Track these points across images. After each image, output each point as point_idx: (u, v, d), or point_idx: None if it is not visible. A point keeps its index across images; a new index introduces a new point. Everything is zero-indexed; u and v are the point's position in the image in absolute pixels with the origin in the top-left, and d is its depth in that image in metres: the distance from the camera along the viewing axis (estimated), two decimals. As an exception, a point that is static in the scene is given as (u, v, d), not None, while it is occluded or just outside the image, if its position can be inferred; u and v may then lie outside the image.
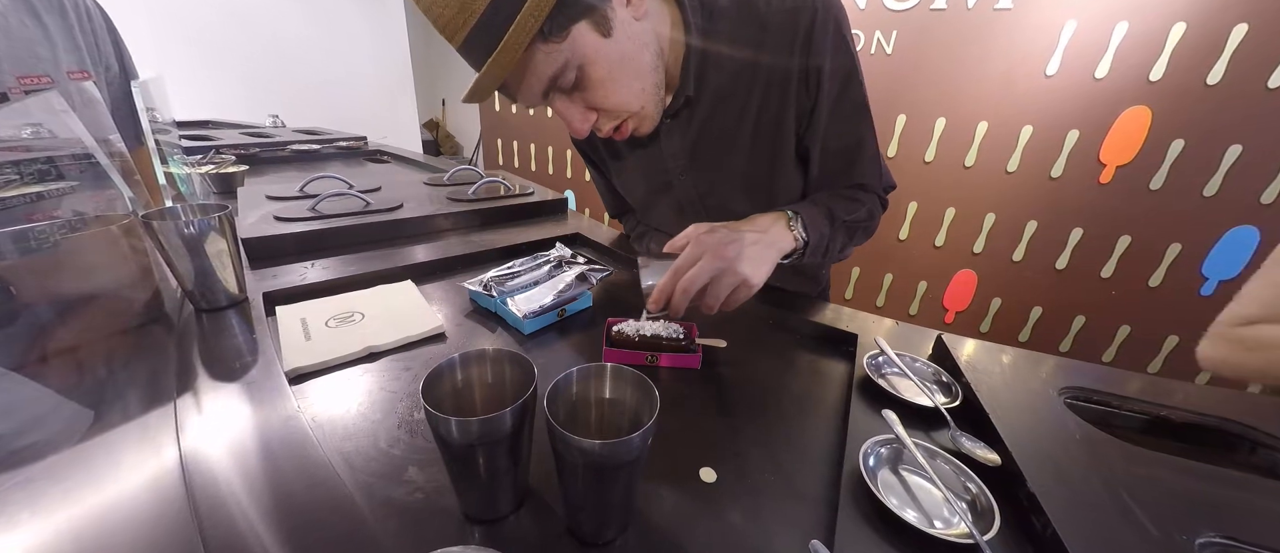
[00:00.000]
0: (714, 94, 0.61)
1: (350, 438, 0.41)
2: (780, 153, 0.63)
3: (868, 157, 0.64)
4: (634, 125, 0.58)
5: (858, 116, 0.62)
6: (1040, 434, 0.40)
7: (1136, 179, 1.42)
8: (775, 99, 0.60)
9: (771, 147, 0.63)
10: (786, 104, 0.60)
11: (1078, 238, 1.55)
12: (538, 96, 0.50)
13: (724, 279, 0.49)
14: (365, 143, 1.81)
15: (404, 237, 0.83)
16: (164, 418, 0.40)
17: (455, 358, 0.34)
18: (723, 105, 0.62)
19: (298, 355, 0.50)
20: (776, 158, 0.64)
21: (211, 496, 0.32)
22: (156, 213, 0.54)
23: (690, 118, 0.63)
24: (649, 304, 0.51)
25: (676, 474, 0.39)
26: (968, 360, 0.50)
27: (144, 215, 0.51)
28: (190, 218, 0.53)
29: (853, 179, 0.65)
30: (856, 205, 0.64)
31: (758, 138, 0.62)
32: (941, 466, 0.38)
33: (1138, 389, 0.48)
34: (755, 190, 0.67)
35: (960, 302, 1.83)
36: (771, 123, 0.61)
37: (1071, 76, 1.41)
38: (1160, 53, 1.31)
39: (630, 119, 0.57)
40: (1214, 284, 1.44)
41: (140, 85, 0.59)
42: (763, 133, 0.62)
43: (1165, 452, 0.39)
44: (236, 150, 1.41)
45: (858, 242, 0.67)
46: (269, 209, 0.82)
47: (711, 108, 0.62)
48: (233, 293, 0.57)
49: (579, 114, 0.53)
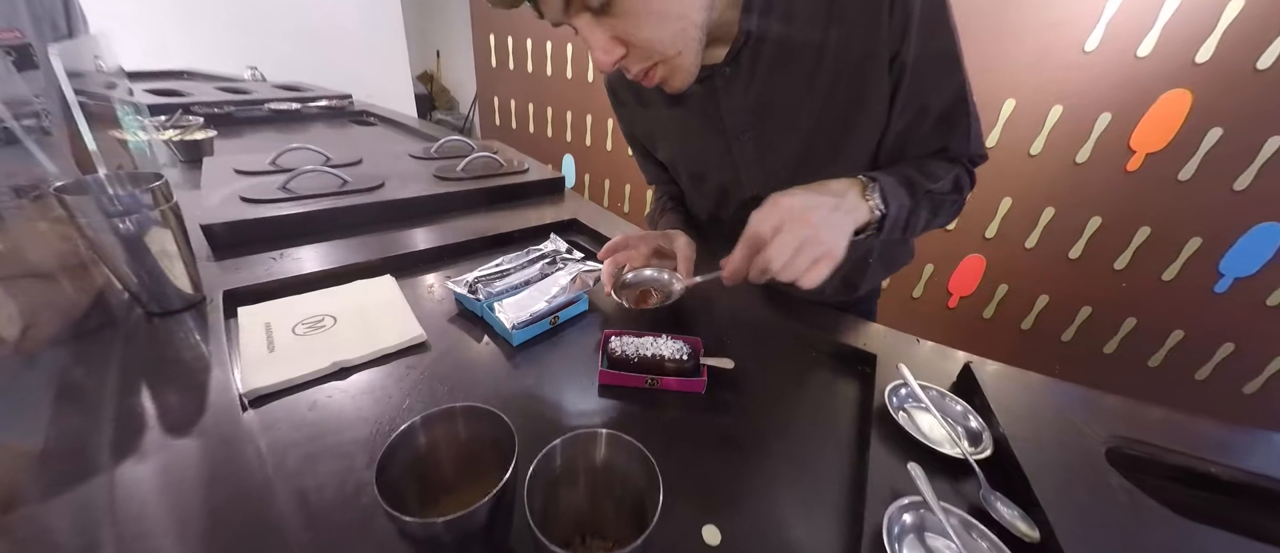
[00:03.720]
0: (782, 40, 0.52)
1: (311, 480, 0.37)
2: (858, 111, 0.54)
3: (959, 117, 0.54)
4: (663, 74, 0.50)
5: (949, 68, 0.52)
6: (1086, 503, 0.36)
7: (1166, 168, 1.35)
8: (857, 44, 0.51)
9: (848, 102, 0.53)
10: (872, 52, 0.50)
11: (1095, 227, 1.49)
12: (560, 9, 0.42)
13: (807, 250, 0.43)
14: (350, 101, 1.69)
15: (385, 221, 0.77)
16: (94, 455, 0.35)
17: (416, 423, 0.29)
18: (793, 53, 0.53)
19: (257, 372, 0.45)
20: (853, 117, 0.54)
21: None
22: (74, 185, 0.44)
23: (753, 68, 0.54)
24: (724, 277, 0.47)
25: (678, 533, 0.35)
26: (999, 399, 0.46)
27: (57, 188, 0.42)
28: (118, 191, 0.44)
29: (939, 143, 0.56)
30: (941, 175, 0.55)
31: (834, 92, 0.53)
32: (976, 543, 0.34)
33: (1193, 440, 0.43)
34: (822, 156, 0.58)
35: (965, 287, 1.78)
36: (851, 74, 0.52)
37: (1111, 54, 1.31)
38: (1211, 32, 1.21)
39: (660, 65, 0.49)
40: (1229, 281, 1.39)
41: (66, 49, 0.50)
42: (840, 86, 0.53)
43: (1226, 517, 0.35)
44: (210, 109, 1.31)
45: (943, 220, 0.58)
46: (236, 187, 0.75)
47: (779, 55, 0.53)
48: (186, 292, 0.51)
49: (603, 43, 0.44)
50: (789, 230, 0.43)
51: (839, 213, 0.46)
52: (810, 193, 0.47)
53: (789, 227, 0.43)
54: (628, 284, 0.61)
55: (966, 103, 0.54)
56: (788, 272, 0.43)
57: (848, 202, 0.48)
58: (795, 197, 0.45)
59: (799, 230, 0.42)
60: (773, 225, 0.43)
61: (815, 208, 0.44)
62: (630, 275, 0.61)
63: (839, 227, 0.45)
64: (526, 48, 2.28)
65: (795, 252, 0.42)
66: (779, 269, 0.43)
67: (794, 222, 0.43)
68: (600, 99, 2.18)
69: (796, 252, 0.42)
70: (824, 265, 0.43)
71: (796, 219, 0.43)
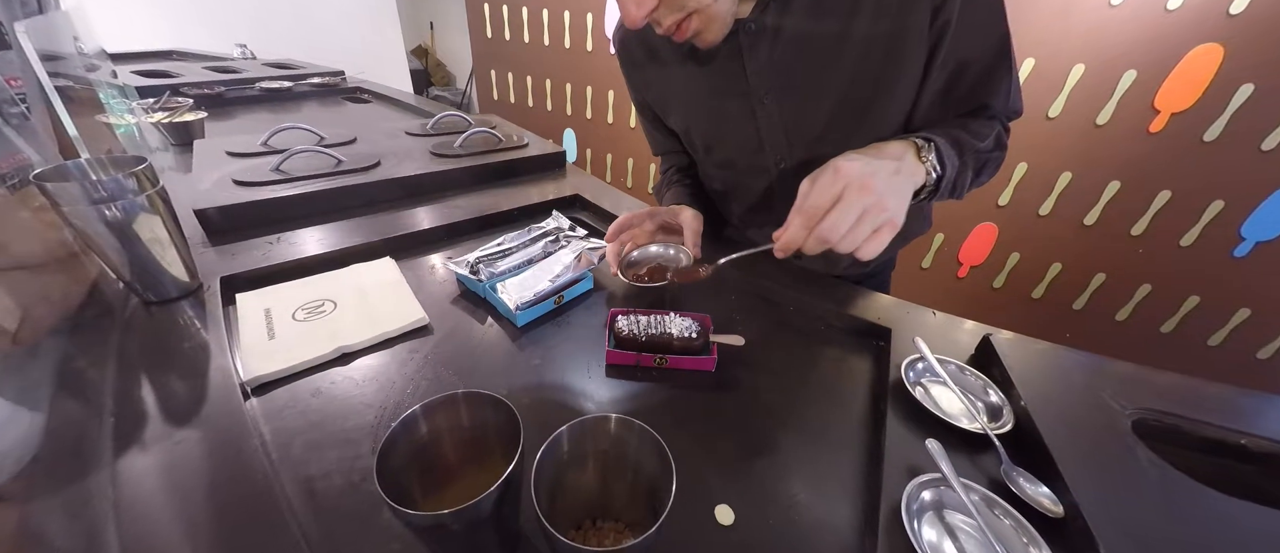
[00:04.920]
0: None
1: (316, 468, 0.36)
2: (895, 71, 0.50)
3: (1001, 72, 0.51)
4: (698, 25, 0.47)
5: (995, 19, 0.49)
6: (1112, 477, 0.35)
7: (1191, 129, 1.29)
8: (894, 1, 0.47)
9: (883, 62, 0.50)
10: (912, 5, 0.47)
11: (1113, 192, 1.44)
12: None
13: (870, 217, 0.40)
14: (344, 78, 1.65)
15: (382, 201, 0.75)
16: (96, 448, 0.35)
17: (417, 411, 0.28)
18: (826, 7, 0.49)
19: (259, 360, 0.44)
20: (887, 79, 0.51)
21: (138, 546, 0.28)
22: (54, 171, 0.43)
23: (781, 22, 0.51)
24: (777, 250, 0.43)
25: (691, 514, 0.35)
26: (1020, 371, 0.44)
27: (36, 175, 0.40)
28: (100, 176, 0.42)
29: (978, 100, 0.53)
30: (984, 132, 0.52)
31: (868, 52, 0.50)
32: (999, 520, 0.33)
33: (1222, 410, 0.42)
34: (850, 121, 0.54)
35: (976, 256, 1.75)
36: (888, 32, 0.48)
37: (1140, 6, 1.24)
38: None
39: (695, 16, 0.46)
40: (1250, 245, 1.36)
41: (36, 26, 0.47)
42: (876, 45, 0.49)
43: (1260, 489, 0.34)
44: (199, 90, 1.27)
45: (984, 179, 0.55)
46: (228, 169, 0.73)
47: (811, 9, 0.50)
48: (181, 280, 0.50)
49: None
50: (851, 197, 0.40)
51: (899, 177, 0.44)
52: (870, 157, 0.43)
53: (850, 194, 0.40)
54: (633, 263, 0.59)
55: (1009, 57, 0.51)
56: (848, 241, 0.40)
57: (907, 165, 0.45)
58: (855, 161, 0.42)
59: (861, 197, 0.40)
60: (834, 193, 0.40)
61: (876, 173, 0.41)
62: (635, 253, 0.59)
63: (901, 191, 0.43)
64: (523, 17, 2.20)
65: (857, 220, 0.40)
66: (838, 239, 0.40)
67: (856, 188, 0.40)
68: (601, 70, 2.11)
69: (859, 220, 0.40)
70: (885, 233, 0.41)
71: (858, 185, 0.40)
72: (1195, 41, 1.22)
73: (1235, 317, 1.40)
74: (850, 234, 0.40)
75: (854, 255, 0.41)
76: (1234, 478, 0.39)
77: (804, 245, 0.42)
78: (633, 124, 2.15)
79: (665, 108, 0.67)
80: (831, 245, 0.41)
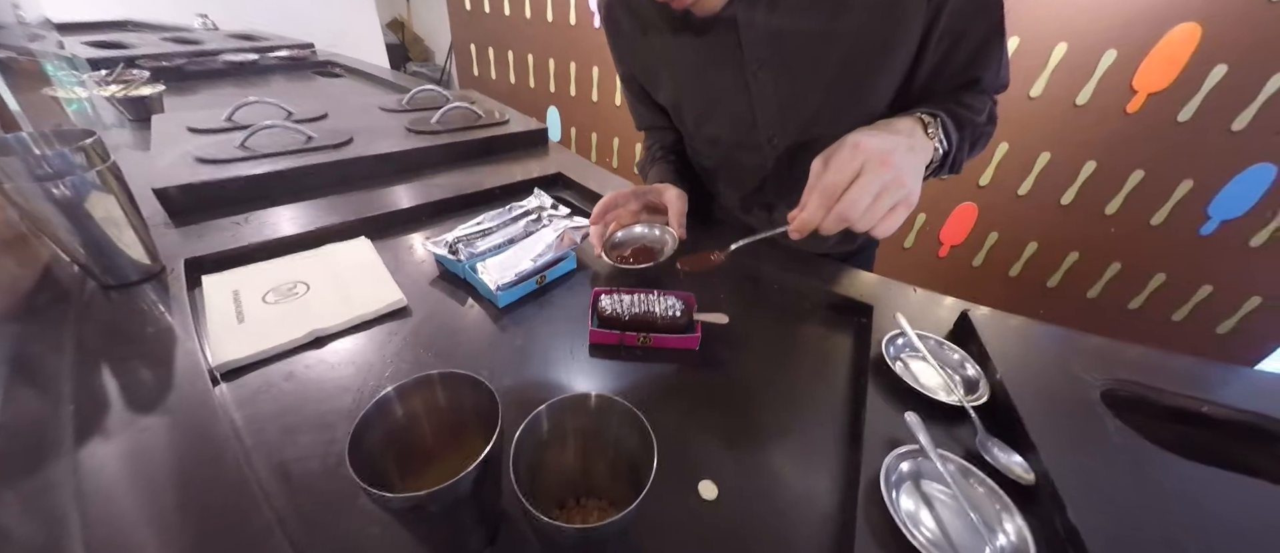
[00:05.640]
0: None
1: (292, 453, 0.35)
2: (891, 42, 0.49)
3: (994, 46, 0.51)
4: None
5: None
6: (1081, 446, 0.36)
7: (1166, 109, 1.32)
8: None
9: (880, 34, 0.49)
10: None
11: (1089, 172, 1.47)
12: None
13: (888, 195, 0.39)
14: (313, 52, 1.57)
15: (356, 180, 0.72)
16: (55, 438, 0.33)
17: (391, 393, 0.27)
18: None
19: (228, 344, 0.42)
20: (883, 52, 0.50)
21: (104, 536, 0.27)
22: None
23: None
24: (792, 231, 0.42)
25: (674, 490, 0.35)
26: (996, 345, 0.45)
27: None
28: (45, 151, 0.40)
29: (971, 74, 0.52)
30: (978, 106, 0.52)
31: (866, 23, 0.48)
32: (973, 489, 0.33)
33: (1185, 380, 0.43)
34: (844, 96, 0.53)
35: (956, 236, 1.78)
36: (886, 3, 0.47)
37: (1122, -16, 1.24)
38: (1227, -42, 1.14)
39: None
40: (1216, 224, 1.40)
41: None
42: (874, 16, 0.48)
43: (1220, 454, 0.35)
44: (157, 62, 1.20)
45: (977, 151, 0.55)
46: (189, 146, 0.70)
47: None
48: (141, 262, 0.47)
49: None
50: (869, 174, 0.39)
51: (914, 154, 0.43)
52: (885, 133, 0.43)
53: (870, 169, 0.39)
54: (617, 244, 0.58)
55: (1002, 30, 0.50)
56: (866, 219, 0.40)
57: (918, 141, 0.45)
58: (873, 137, 0.41)
59: (881, 173, 0.39)
60: (853, 169, 0.39)
61: (895, 149, 0.40)
62: (620, 234, 0.59)
63: (916, 168, 0.43)
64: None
65: (875, 197, 0.39)
66: (857, 217, 0.39)
67: (876, 163, 0.39)
68: (585, 45, 2.06)
69: (877, 197, 0.39)
70: (901, 211, 0.40)
71: (878, 160, 0.39)
72: (1174, 20, 1.23)
73: (1198, 293, 1.45)
74: (869, 211, 0.39)
75: (869, 234, 0.41)
76: (1196, 445, 0.40)
77: (822, 225, 0.41)
78: (618, 102, 2.11)
79: (654, 80, 0.65)
80: (850, 224, 0.40)
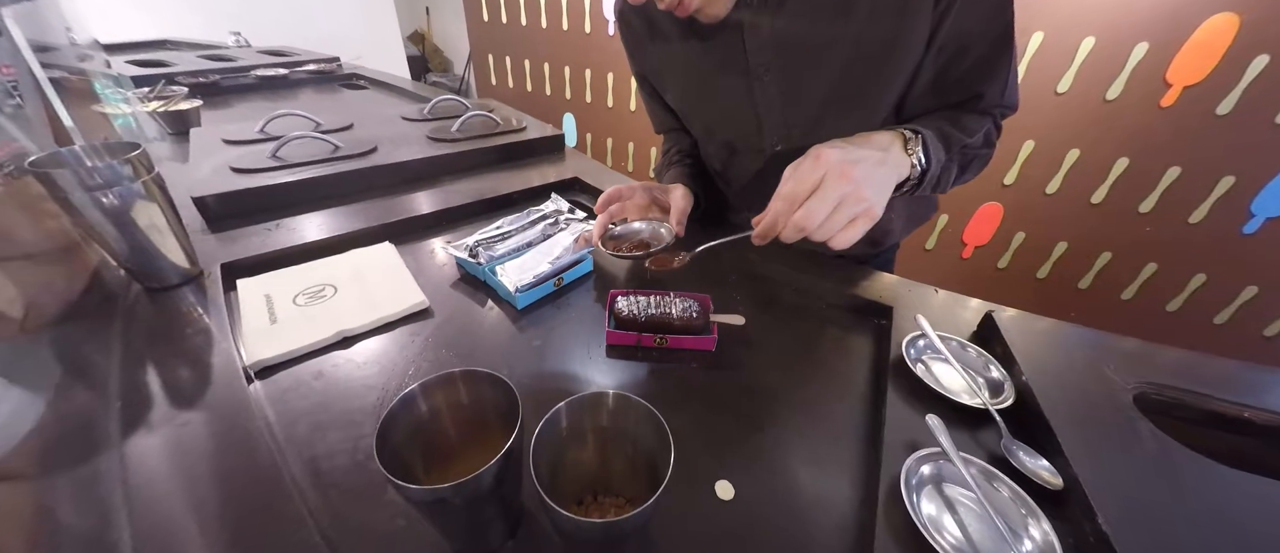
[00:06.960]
0: None
1: (321, 448, 0.36)
2: (894, 50, 0.49)
3: (1001, 60, 0.50)
4: (699, 1, 0.47)
5: (1000, 7, 0.47)
6: (1112, 450, 0.35)
7: (1203, 102, 1.26)
8: None
9: (884, 41, 0.49)
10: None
11: (1122, 169, 1.42)
12: None
13: (846, 207, 0.40)
14: (339, 65, 1.63)
15: (380, 187, 0.74)
16: (104, 431, 0.35)
17: (415, 390, 0.28)
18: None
19: (261, 344, 0.44)
20: (886, 58, 0.50)
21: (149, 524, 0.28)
22: (48, 159, 0.43)
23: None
24: (754, 237, 0.44)
25: (690, 489, 0.35)
26: (1021, 347, 0.44)
27: (31, 162, 0.41)
28: (95, 163, 0.43)
29: (973, 87, 0.51)
30: (975, 128, 0.51)
31: (869, 29, 0.48)
32: (997, 493, 0.33)
33: (1224, 383, 0.42)
34: (848, 102, 0.53)
35: (981, 236, 1.74)
36: (891, 8, 0.47)
37: (1153, -24, 1.20)
38: (1266, -55, 1.10)
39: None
40: (1260, 222, 1.33)
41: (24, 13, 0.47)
42: (878, 22, 0.48)
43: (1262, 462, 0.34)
44: (194, 78, 1.26)
45: (970, 175, 0.55)
46: (225, 157, 0.73)
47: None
48: (182, 266, 0.50)
49: None
50: (829, 185, 0.39)
51: (883, 169, 0.43)
52: (853, 146, 0.43)
53: (830, 181, 0.39)
54: (616, 236, 0.59)
55: (1010, 46, 0.49)
56: (823, 230, 0.40)
57: (892, 156, 0.44)
58: (837, 149, 0.41)
59: (840, 186, 0.39)
60: (814, 180, 0.40)
61: (858, 162, 0.41)
62: (619, 228, 0.59)
63: (882, 183, 0.42)
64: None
65: (834, 208, 0.39)
66: (815, 227, 0.40)
67: (835, 176, 0.40)
68: (601, 52, 2.08)
69: (835, 208, 0.39)
70: (861, 224, 0.40)
71: (837, 173, 0.40)
72: (1210, 11, 1.18)
73: (1242, 294, 1.38)
74: (827, 222, 0.40)
75: (827, 244, 0.41)
76: (1238, 451, 0.39)
77: (782, 233, 0.41)
78: (633, 107, 2.13)
79: (663, 84, 0.66)
80: (808, 233, 0.40)
